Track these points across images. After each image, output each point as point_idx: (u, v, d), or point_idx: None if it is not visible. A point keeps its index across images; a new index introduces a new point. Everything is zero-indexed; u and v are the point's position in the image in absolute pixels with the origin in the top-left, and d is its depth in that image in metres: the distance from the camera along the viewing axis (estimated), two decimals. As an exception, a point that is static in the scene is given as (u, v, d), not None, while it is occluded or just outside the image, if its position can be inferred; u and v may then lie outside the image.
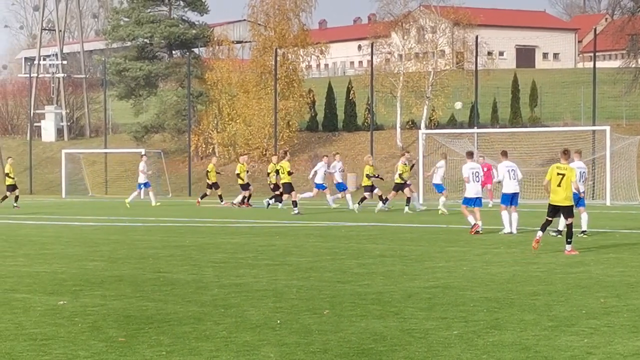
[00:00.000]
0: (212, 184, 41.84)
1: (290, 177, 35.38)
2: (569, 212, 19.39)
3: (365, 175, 36.35)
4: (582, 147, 35.29)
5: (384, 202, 35.32)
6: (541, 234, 19.55)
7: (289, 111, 62.30)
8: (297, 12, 64.64)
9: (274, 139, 57.65)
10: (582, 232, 22.64)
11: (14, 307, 12.18)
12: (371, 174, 36.07)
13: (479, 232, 23.85)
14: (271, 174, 38.39)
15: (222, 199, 41.58)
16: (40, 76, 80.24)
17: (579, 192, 22.01)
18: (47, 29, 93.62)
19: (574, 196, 19.97)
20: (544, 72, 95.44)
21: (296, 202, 34.44)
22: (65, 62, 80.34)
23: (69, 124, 78.00)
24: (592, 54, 56.28)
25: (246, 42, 73.86)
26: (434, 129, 57.02)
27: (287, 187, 35.36)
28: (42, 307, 12.15)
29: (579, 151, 24.83)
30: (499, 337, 10.04)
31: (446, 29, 64.84)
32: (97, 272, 16.18)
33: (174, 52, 71.99)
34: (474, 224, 24.09)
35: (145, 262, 17.70)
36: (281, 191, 36.61)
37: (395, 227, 27.50)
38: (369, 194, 36.21)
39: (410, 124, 62.42)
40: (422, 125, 59.74)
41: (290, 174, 35.36)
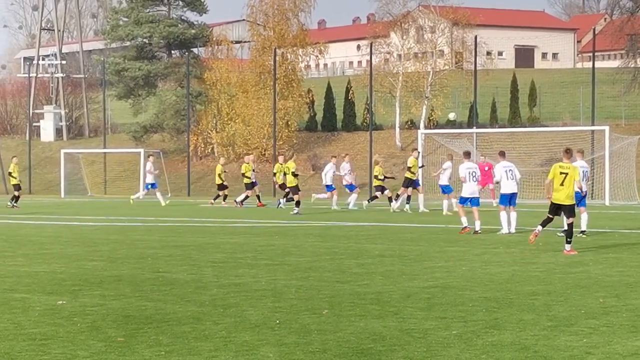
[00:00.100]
0: (218, 185, 41.76)
1: (296, 179, 35.29)
2: (570, 211, 19.38)
3: (374, 176, 36.47)
4: (581, 147, 35.25)
5: (395, 199, 35.37)
6: (540, 228, 19.59)
7: (288, 111, 62.28)
8: (296, 12, 64.65)
9: (273, 138, 57.63)
10: (581, 232, 22.64)
11: (13, 307, 12.18)
12: (380, 176, 36.10)
13: (478, 232, 23.86)
14: (277, 174, 38.44)
15: (225, 199, 41.62)
16: (39, 76, 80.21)
17: (582, 192, 22.02)
18: (46, 28, 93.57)
19: (576, 196, 19.97)
20: (543, 72, 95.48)
21: (299, 202, 34.47)
22: (64, 62, 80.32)
23: (68, 123, 77.98)
24: (591, 54, 56.26)
25: (245, 42, 73.82)
26: (433, 128, 57.01)
27: (294, 190, 35.28)
28: (41, 307, 12.15)
29: (581, 150, 24.83)
30: (498, 337, 10.04)
31: (445, 28, 64.83)
32: (96, 271, 16.18)
33: (173, 52, 71.97)
34: (464, 227, 24.13)
35: (144, 262, 17.69)
36: (287, 192, 36.60)
37: (394, 227, 27.50)
38: (380, 193, 36.28)
39: (409, 123, 62.43)
40: (421, 125, 59.74)
41: (295, 175, 35.26)
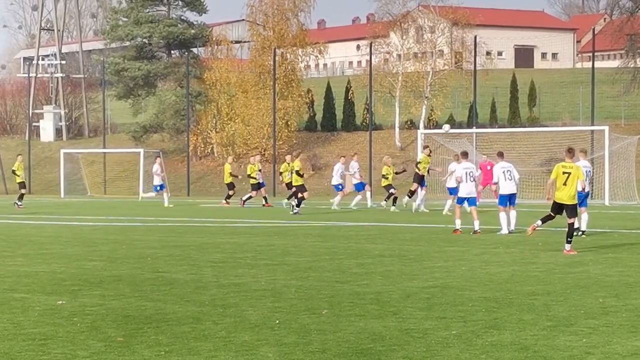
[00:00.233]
0: (227, 184, 41.76)
1: (301, 179, 35.28)
2: (572, 211, 19.38)
3: (382, 175, 36.59)
4: (581, 147, 35.23)
5: (410, 196, 35.43)
6: (540, 223, 19.65)
7: (287, 111, 62.29)
8: (295, 12, 64.65)
9: (273, 139, 57.63)
10: (581, 232, 22.64)
11: (13, 307, 12.18)
12: (387, 174, 36.12)
13: (477, 232, 23.86)
14: (284, 173, 38.49)
15: (228, 198, 41.60)
16: (38, 76, 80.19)
17: (584, 192, 22.00)
18: (46, 28, 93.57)
19: (578, 196, 19.97)
20: (543, 72, 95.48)
21: (300, 202, 34.49)
22: (64, 62, 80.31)
23: (68, 123, 77.96)
24: (590, 54, 56.27)
25: (245, 42, 73.81)
26: (432, 128, 56.98)
27: (300, 188, 35.25)
28: (41, 307, 12.15)
29: (584, 150, 24.85)
30: (498, 337, 10.04)
31: (445, 28, 64.83)
32: (96, 271, 16.18)
33: (172, 52, 71.96)
34: (456, 229, 24.13)
35: (144, 262, 17.69)
36: (295, 191, 36.57)
37: (394, 227, 27.50)
38: (394, 190, 36.32)
39: (409, 123, 62.44)
40: (421, 125, 59.73)
41: (299, 174, 35.23)
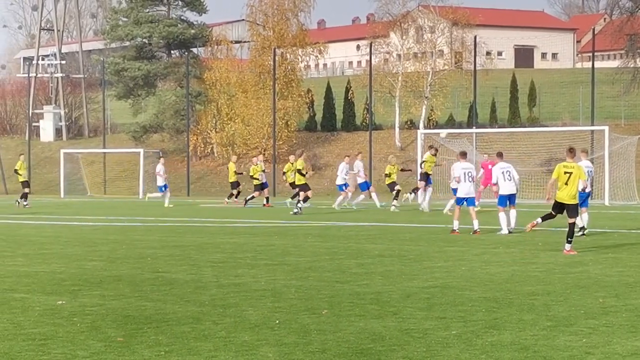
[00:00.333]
0: (232, 183, 41.78)
1: (303, 178, 35.32)
2: (573, 210, 19.37)
3: (385, 174, 36.66)
4: (580, 147, 35.24)
5: (415, 193, 35.44)
6: (540, 221, 19.67)
7: (287, 111, 62.29)
8: (295, 12, 64.65)
9: (273, 139, 57.63)
10: (581, 232, 22.64)
11: (13, 307, 12.18)
12: (391, 173, 36.15)
13: (476, 231, 23.86)
14: (288, 172, 38.53)
15: (229, 199, 41.57)
16: (38, 76, 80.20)
17: (585, 192, 21.99)
18: (46, 28, 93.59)
19: (580, 196, 19.97)
20: (543, 72, 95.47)
21: (306, 200, 34.51)
22: (63, 62, 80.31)
23: (68, 123, 77.97)
24: (590, 54, 56.27)
25: (245, 42, 73.81)
26: (432, 128, 56.98)
27: (304, 187, 35.26)
28: (41, 307, 12.15)
29: (585, 150, 24.87)
30: (498, 337, 10.04)
31: (445, 28, 64.81)
32: (96, 272, 16.18)
33: (172, 51, 71.97)
34: (454, 230, 24.12)
35: (144, 262, 17.69)
36: (298, 190, 36.58)
37: (394, 227, 27.50)
38: (399, 187, 36.36)
39: (408, 123, 62.44)
40: (421, 125, 59.73)
41: (301, 173, 35.25)
